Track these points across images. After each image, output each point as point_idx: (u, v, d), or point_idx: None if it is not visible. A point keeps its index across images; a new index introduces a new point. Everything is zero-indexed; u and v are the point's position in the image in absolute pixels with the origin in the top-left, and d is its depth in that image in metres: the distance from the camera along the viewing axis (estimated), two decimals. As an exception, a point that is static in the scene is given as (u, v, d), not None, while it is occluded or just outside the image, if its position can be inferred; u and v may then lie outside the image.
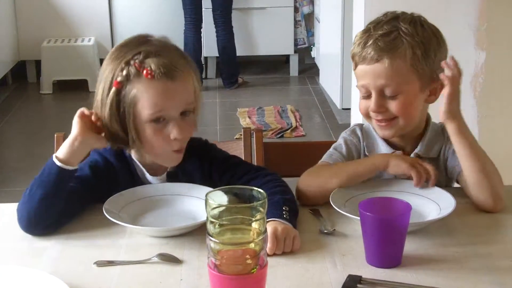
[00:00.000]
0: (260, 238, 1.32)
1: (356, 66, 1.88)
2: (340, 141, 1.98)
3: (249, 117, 5.45)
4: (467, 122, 1.81)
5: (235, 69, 6.28)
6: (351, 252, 1.59)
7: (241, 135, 2.24)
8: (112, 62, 1.79)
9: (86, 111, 1.76)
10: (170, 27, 6.36)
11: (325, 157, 1.95)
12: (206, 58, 6.55)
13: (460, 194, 1.84)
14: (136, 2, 6.51)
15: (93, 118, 1.76)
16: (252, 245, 1.32)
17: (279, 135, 5.09)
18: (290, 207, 1.70)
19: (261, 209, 1.32)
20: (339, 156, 1.94)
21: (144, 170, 1.88)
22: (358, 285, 1.44)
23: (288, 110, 5.53)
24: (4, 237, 1.71)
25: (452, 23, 3.17)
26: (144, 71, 1.73)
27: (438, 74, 1.82)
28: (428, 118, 1.95)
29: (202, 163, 1.90)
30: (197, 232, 1.67)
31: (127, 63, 1.76)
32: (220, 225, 1.32)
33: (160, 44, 1.81)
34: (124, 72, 1.75)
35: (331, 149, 1.97)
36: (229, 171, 1.88)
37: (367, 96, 1.86)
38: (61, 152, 1.72)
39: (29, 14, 6.38)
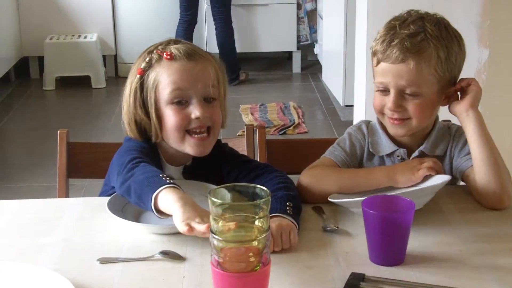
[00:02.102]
0: (263, 236, 1.32)
1: (378, 63, 1.86)
2: (345, 136, 1.98)
3: (252, 114, 5.44)
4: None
5: (234, 65, 6.22)
6: (354, 250, 1.59)
7: (243, 131, 2.24)
8: (137, 60, 1.88)
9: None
10: (173, 23, 6.36)
11: (327, 153, 1.95)
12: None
13: (464, 192, 1.85)
14: (138, -1, 6.52)
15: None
16: (255, 243, 1.32)
17: (282, 132, 5.09)
18: (294, 203, 1.70)
19: (264, 206, 1.32)
20: (341, 152, 1.93)
21: (165, 161, 1.90)
22: (361, 283, 1.44)
23: (290, 107, 5.53)
24: (6, 234, 1.71)
25: (455, 20, 3.14)
26: (164, 54, 1.81)
27: (456, 78, 1.86)
28: (435, 118, 1.96)
29: (214, 160, 1.91)
30: (200, 229, 1.67)
31: (150, 52, 1.85)
32: (224, 223, 1.32)
33: (183, 41, 1.90)
34: (147, 59, 1.84)
35: (334, 144, 1.97)
36: (237, 168, 1.90)
37: (384, 93, 1.86)
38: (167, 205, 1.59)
39: (32, 11, 6.38)
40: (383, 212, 1.52)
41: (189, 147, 1.84)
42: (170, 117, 1.81)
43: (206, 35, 6.47)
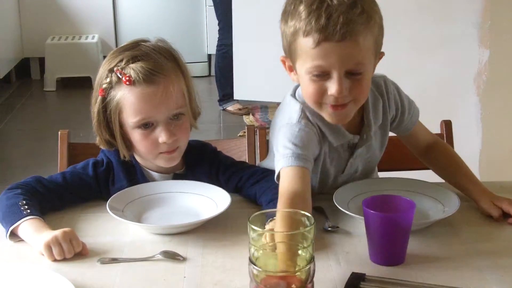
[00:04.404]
0: (307, 266, 1.26)
1: (318, 43, 1.58)
2: (295, 131, 1.70)
3: (253, 115, 5.45)
4: (470, 120, 1.82)
5: (219, 84, 5.65)
6: (354, 250, 1.59)
7: (244, 132, 2.24)
8: (101, 68, 1.82)
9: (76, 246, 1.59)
10: (174, 24, 6.37)
11: (289, 160, 1.65)
12: (209, 55, 6.55)
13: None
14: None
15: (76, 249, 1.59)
16: (298, 274, 1.26)
17: (283, 133, 5.08)
18: None
19: (308, 235, 1.27)
20: (307, 153, 1.68)
21: (150, 171, 1.89)
22: (362, 283, 1.44)
23: (291, 107, 5.51)
24: (8, 234, 1.71)
25: (456, 21, 3.16)
26: (124, 78, 1.75)
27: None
28: None
29: (210, 169, 1.90)
30: (201, 229, 1.68)
31: (111, 70, 1.78)
32: (264, 252, 1.26)
33: (147, 49, 1.79)
34: (108, 80, 1.78)
35: (287, 143, 1.67)
36: (235, 175, 1.87)
37: (321, 77, 1.63)
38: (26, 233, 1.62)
39: (33, 12, 6.39)
40: (384, 211, 1.52)
41: (161, 162, 1.83)
42: (139, 141, 1.79)
43: (207, 37, 6.47)
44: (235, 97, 5.36)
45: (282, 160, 1.66)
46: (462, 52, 3.19)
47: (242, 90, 5.26)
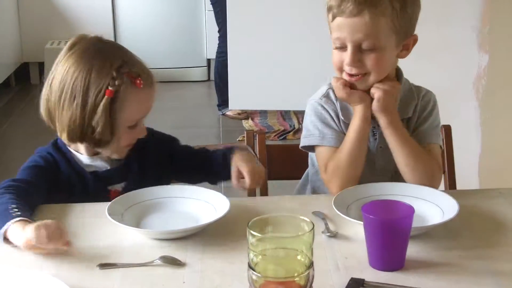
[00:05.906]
0: (306, 272, 1.27)
1: (334, 18, 1.86)
2: (319, 110, 1.99)
3: (252, 119, 5.44)
4: (470, 124, 1.83)
5: (219, 89, 5.60)
6: (354, 255, 1.59)
7: (244, 137, 2.24)
8: (99, 71, 1.82)
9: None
10: (174, 29, 6.37)
11: (316, 140, 1.97)
12: (208, 60, 6.55)
13: (463, 196, 1.84)
14: (139, 5, 6.51)
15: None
16: (297, 279, 1.26)
17: (282, 137, 5.09)
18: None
19: (307, 240, 1.27)
20: (330, 132, 1.96)
21: (80, 157, 1.95)
22: (361, 288, 1.44)
23: (290, 112, 5.53)
24: (7, 240, 1.71)
25: (455, 25, 3.17)
26: (137, 81, 1.82)
27: (412, 28, 1.90)
28: (399, 74, 1.99)
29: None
30: (200, 234, 1.68)
31: (118, 72, 1.81)
32: (263, 257, 1.27)
33: (126, 50, 1.90)
34: (117, 82, 1.80)
35: (317, 122, 1.97)
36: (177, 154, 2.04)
37: (342, 48, 1.87)
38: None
39: (32, 16, 6.39)
40: (383, 217, 1.52)
41: (114, 154, 1.93)
42: (123, 139, 1.88)
43: (206, 41, 6.46)
44: (231, 107, 5.38)
45: (311, 139, 1.98)
46: (462, 57, 3.19)
47: (238, 99, 5.28)
